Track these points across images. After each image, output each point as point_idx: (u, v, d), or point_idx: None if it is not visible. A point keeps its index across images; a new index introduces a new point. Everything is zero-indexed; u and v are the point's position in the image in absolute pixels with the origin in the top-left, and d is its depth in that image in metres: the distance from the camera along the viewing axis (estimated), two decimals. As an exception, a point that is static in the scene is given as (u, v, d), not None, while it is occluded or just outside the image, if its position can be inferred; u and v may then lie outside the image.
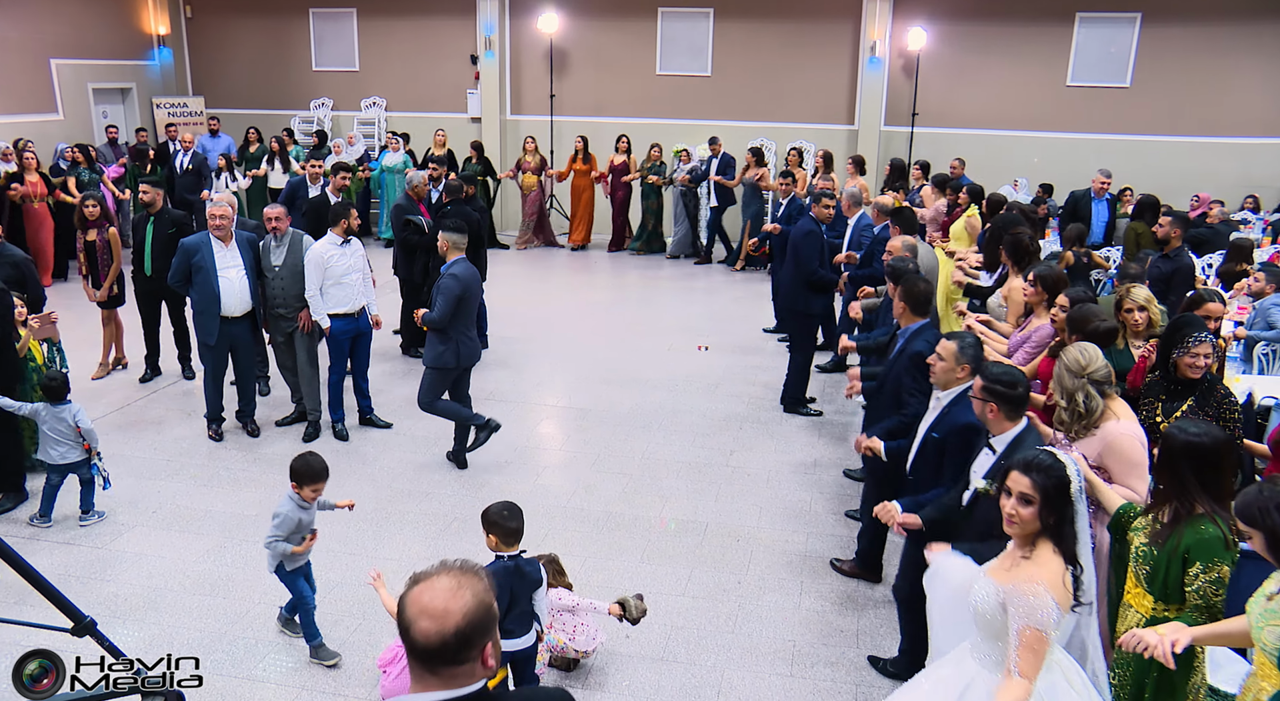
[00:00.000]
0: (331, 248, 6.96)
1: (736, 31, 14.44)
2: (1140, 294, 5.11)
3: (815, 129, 14.37)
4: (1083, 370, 4.01)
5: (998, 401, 3.78)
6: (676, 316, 10.97)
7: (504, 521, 3.91)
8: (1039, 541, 3.04)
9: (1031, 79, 13.73)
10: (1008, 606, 2.97)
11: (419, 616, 1.82)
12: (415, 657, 1.85)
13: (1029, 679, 2.87)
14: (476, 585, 1.88)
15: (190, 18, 16.29)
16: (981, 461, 3.91)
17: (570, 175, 14.25)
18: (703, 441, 7.39)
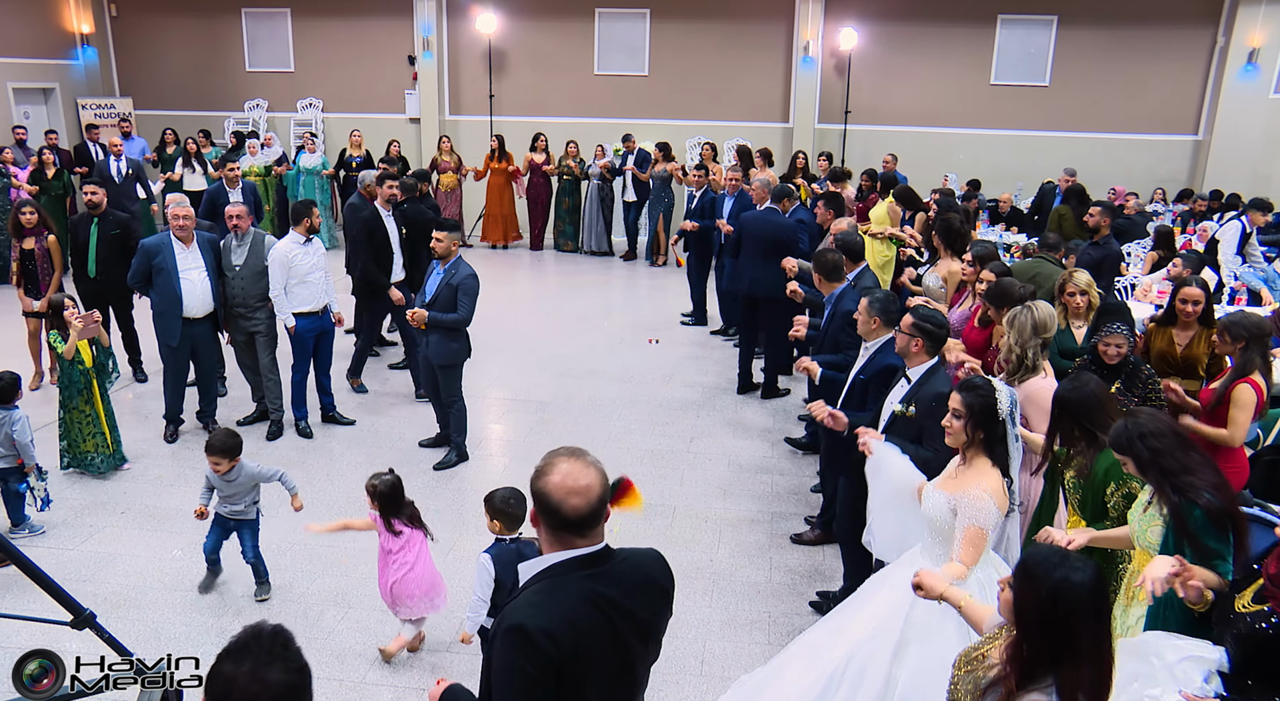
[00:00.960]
0: (295, 246, 7.00)
1: (673, 32, 14.71)
2: (1081, 278, 5.52)
3: (751, 127, 14.73)
4: (1044, 330, 4.65)
5: (924, 337, 4.38)
6: (623, 311, 11.21)
7: (510, 509, 4.09)
8: (975, 455, 3.57)
9: (957, 78, 14.29)
10: (957, 510, 3.49)
11: (567, 496, 2.23)
12: (565, 528, 2.26)
13: (967, 565, 3.43)
14: (591, 458, 2.31)
15: (115, 16, 15.92)
16: (897, 391, 4.51)
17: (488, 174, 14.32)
18: (663, 429, 7.62)
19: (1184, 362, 5.23)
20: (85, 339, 6.41)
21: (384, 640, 4.84)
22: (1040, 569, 2.46)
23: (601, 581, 2.28)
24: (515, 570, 4.02)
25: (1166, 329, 5.34)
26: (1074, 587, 2.38)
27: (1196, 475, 3.20)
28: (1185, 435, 3.37)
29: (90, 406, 6.49)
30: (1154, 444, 3.26)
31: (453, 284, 6.54)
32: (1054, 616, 2.37)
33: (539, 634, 2.16)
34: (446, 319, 6.52)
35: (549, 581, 2.27)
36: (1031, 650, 2.41)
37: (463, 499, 6.43)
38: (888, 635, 3.56)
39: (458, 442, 6.95)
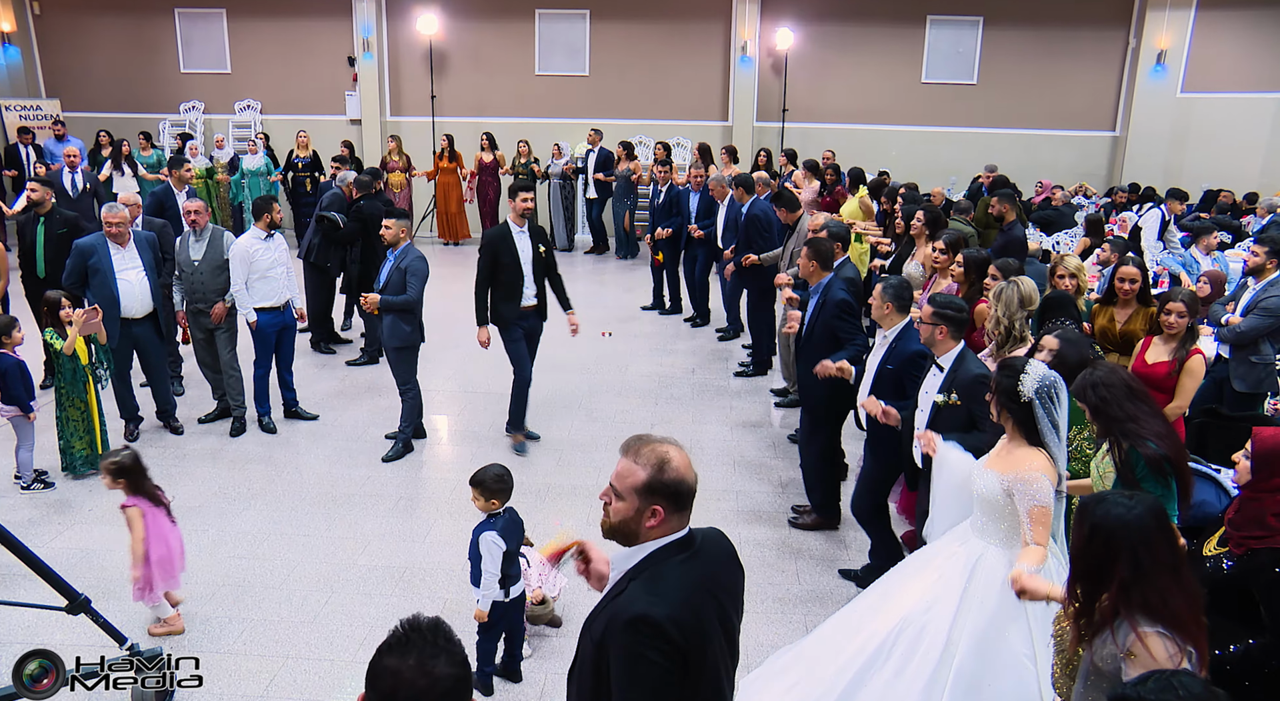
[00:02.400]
0: (256, 242, 7.04)
1: (612, 32, 14.93)
2: (1071, 263, 5.91)
3: (691, 125, 15.02)
4: (1028, 303, 4.96)
5: (947, 324, 4.46)
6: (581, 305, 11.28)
7: (506, 484, 4.32)
8: (1014, 434, 3.62)
9: (890, 76, 14.79)
10: (1013, 492, 3.50)
11: (688, 471, 2.36)
12: (684, 507, 2.36)
13: (1043, 545, 3.43)
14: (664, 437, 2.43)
15: (39, 14, 15.53)
16: (931, 380, 4.59)
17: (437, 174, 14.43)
18: (623, 417, 7.82)
19: (1122, 338, 5.60)
20: (85, 335, 6.38)
21: (371, 622, 4.94)
22: (1089, 507, 2.61)
23: (700, 562, 2.36)
24: (518, 535, 4.33)
25: (1108, 307, 5.72)
26: (1113, 518, 2.52)
27: (1141, 423, 3.44)
28: (1136, 386, 3.57)
29: (84, 404, 6.46)
30: (1103, 393, 3.50)
31: (402, 267, 6.69)
32: (1095, 549, 2.52)
33: (667, 622, 2.19)
34: (397, 301, 6.66)
35: (653, 570, 2.31)
36: (1081, 582, 2.57)
37: (433, 487, 6.55)
38: (944, 605, 3.60)
39: (404, 432, 7.04)
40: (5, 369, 6.18)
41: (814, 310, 6.06)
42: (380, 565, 5.50)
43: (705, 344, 9.93)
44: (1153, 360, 5.00)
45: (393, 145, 14.21)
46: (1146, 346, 5.12)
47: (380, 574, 5.40)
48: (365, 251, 8.43)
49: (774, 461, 7.02)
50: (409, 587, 5.27)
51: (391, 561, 5.54)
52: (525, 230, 6.77)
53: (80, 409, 6.46)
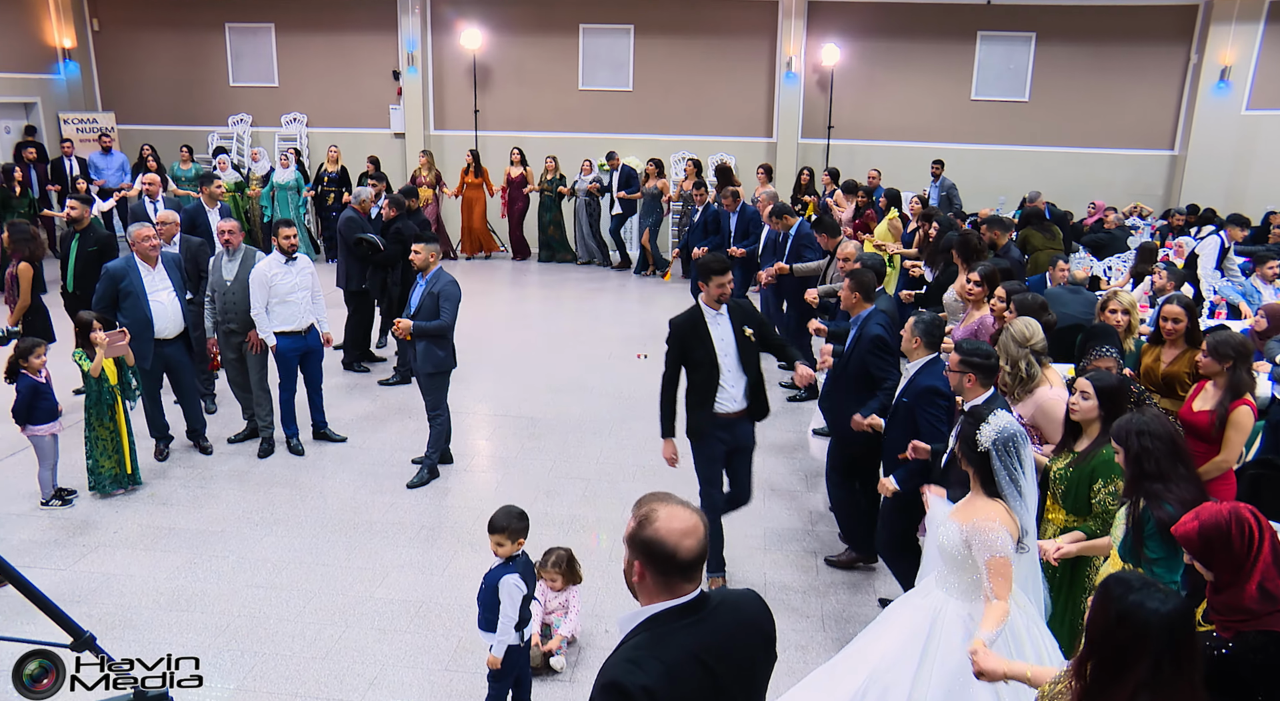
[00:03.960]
0: (276, 266, 6.97)
1: (656, 47, 14.83)
2: (1125, 298, 5.63)
3: (735, 142, 14.86)
4: (1026, 341, 4.73)
5: (974, 371, 4.33)
6: (610, 324, 11.27)
7: (522, 524, 4.21)
8: (975, 486, 3.62)
9: (938, 93, 14.48)
10: (970, 543, 3.48)
11: (682, 538, 2.19)
12: (677, 573, 2.22)
13: (1004, 599, 3.38)
14: (679, 498, 2.28)
15: (98, 30, 15.88)
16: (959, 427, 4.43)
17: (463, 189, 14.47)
18: (655, 445, 7.51)
19: (1164, 381, 5.32)
20: (112, 357, 6.40)
21: (382, 660, 4.84)
22: (1119, 589, 2.44)
23: (703, 630, 2.24)
24: (533, 577, 4.25)
25: (1156, 347, 5.44)
26: (1147, 613, 2.35)
27: (1170, 485, 3.30)
28: (1181, 445, 3.42)
29: (114, 423, 6.48)
30: (1146, 443, 3.36)
31: (434, 292, 6.60)
32: (1119, 638, 2.36)
33: (639, 692, 2.10)
34: (430, 326, 6.57)
35: (649, 634, 2.22)
36: (1095, 667, 2.41)
37: (456, 516, 6.44)
38: (907, 663, 3.58)
39: (430, 458, 6.96)
40: (20, 389, 6.19)
41: (851, 342, 5.96)
42: (397, 598, 5.40)
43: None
44: (1199, 408, 4.71)
45: (423, 160, 14.24)
46: (1198, 392, 4.83)
47: (396, 608, 5.30)
48: (406, 273, 8.38)
49: (806, 492, 6.82)
50: (424, 624, 5.16)
51: (409, 595, 5.44)
52: (724, 314, 5.31)
53: (109, 429, 6.48)
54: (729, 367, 5.24)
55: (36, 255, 7.60)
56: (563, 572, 4.95)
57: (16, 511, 6.39)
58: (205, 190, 8.75)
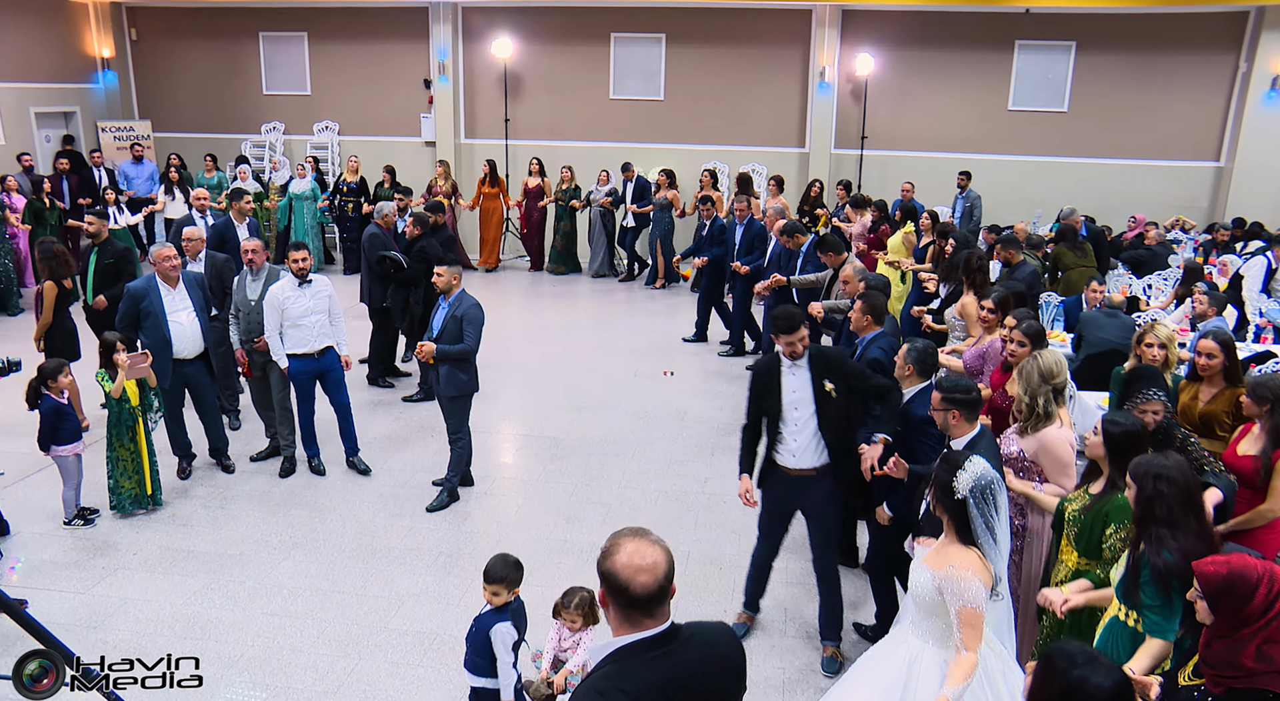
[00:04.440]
0: (289, 289, 6.88)
1: (688, 57, 14.70)
2: (1162, 332, 5.39)
3: (767, 152, 14.69)
4: (1051, 377, 4.60)
5: (958, 408, 4.30)
6: (633, 337, 11.16)
7: (515, 573, 4.13)
8: (948, 531, 3.58)
9: (974, 103, 14.21)
10: (943, 591, 3.46)
11: (635, 574, 2.22)
12: (633, 607, 2.25)
13: (973, 651, 3.37)
14: (654, 536, 2.32)
15: (135, 40, 16.06)
16: None
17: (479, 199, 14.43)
18: (677, 469, 7.55)
19: (1201, 421, 5.10)
20: (133, 379, 6.40)
21: (393, 696, 4.78)
22: (1063, 663, 2.46)
23: (670, 662, 2.28)
24: (524, 620, 4.21)
25: (1194, 384, 5.22)
26: (1091, 688, 2.39)
27: (1176, 532, 3.26)
28: (1196, 497, 3.37)
29: (134, 444, 6.49)
30: (1162, 487, 3.30)
31: (457, 315, 6.52)
32: None
33: None
34: (454, 350, 6.49)
35: (616, 666, 2.26)
36: None
37: (475, 542, 6.36)
38: None
39: (451, 481, 6.89)
40: (43, 412, 6.21)
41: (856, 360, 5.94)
42: (411, 630, 5.33)
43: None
44: (1244, 452, 4.50)
45: (440, 170, 14.20)
46: (1244, 434, 4.62)
47: (410, 640, 5.23)
48: (428, 292, 8.32)
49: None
50: (437, 657, 5.09)
51: (423, 626, 5.37)
52: (802, 365, 4.91)
53: (129, 450, 6.48)
54: (794, 420, 4.92)
55: (61, 274, 7.63)
56: (584, 614, 4.84)
57: (40, 530, 6.41)
58: (235, 206, 8.75)
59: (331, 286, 7.11)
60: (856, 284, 7.14)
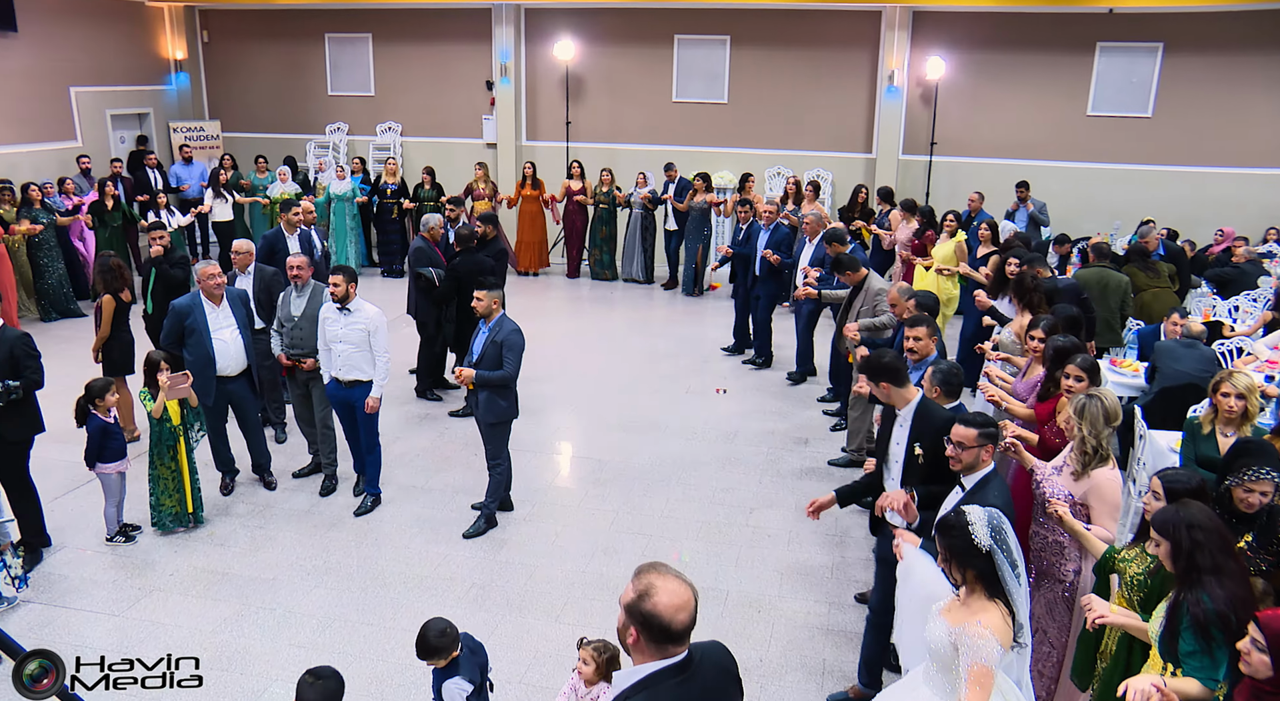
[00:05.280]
0: (330, 311, 6.75)
1: (753, 59, 14.38)
2: (1242, 381, 4.96)
3: (832, 157, 14.30)
4: (1113, 418, 4.43)
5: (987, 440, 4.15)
6: (682, 354, 10.90)
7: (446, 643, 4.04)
8: (972, 588, 3.38)
9: (1051, 108, 13.61)
10: (958, 646, 3.33)
11: (677, 612, 2.43)
12: (671, 641, 2.46)
13: None
14: (674, 570, 2.51)
15: (207, 42, 16.33)
16: (951, 498, 4.26)
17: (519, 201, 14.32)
18: (722, 497, 7.31)
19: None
20: (174, 399, 6.42)
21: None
22: None
23: (693, 686, 2.50)
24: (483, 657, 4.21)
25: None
26: None
27: (1222, 579, 3.18)
28: (1229, 537, 3.33)
29: (175, 463, 6.51)
30: (1198, 536, 3.24)
31: (497, 341, 6.37)
32: None
33: None
34: (493, 376, 6.35)
35: (646, 693, 2.45)
36: None
37: (509, 574, 6.22)
38: None
39: (489, 507, 6.76)
40: (90, 430, 6.26)
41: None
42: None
43: (821, 409, 9.26)
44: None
45: (479, 172, 14.08)
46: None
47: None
48: (461, 310, 8.21)
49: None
50: None
51: (449, 665, 5.24)
52: (908, 419, 4.66)
53: (170, 468, 6.50)
54: (892, 475, 4.75)
55: (118, 287, 7.70)
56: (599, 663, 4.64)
57: (82, 546, 6.47)
58: (284, 217, 8.75)
59: (377, 322, 6.69)
60: (905, 304, 6.82)
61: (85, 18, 14.28)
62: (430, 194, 13.90)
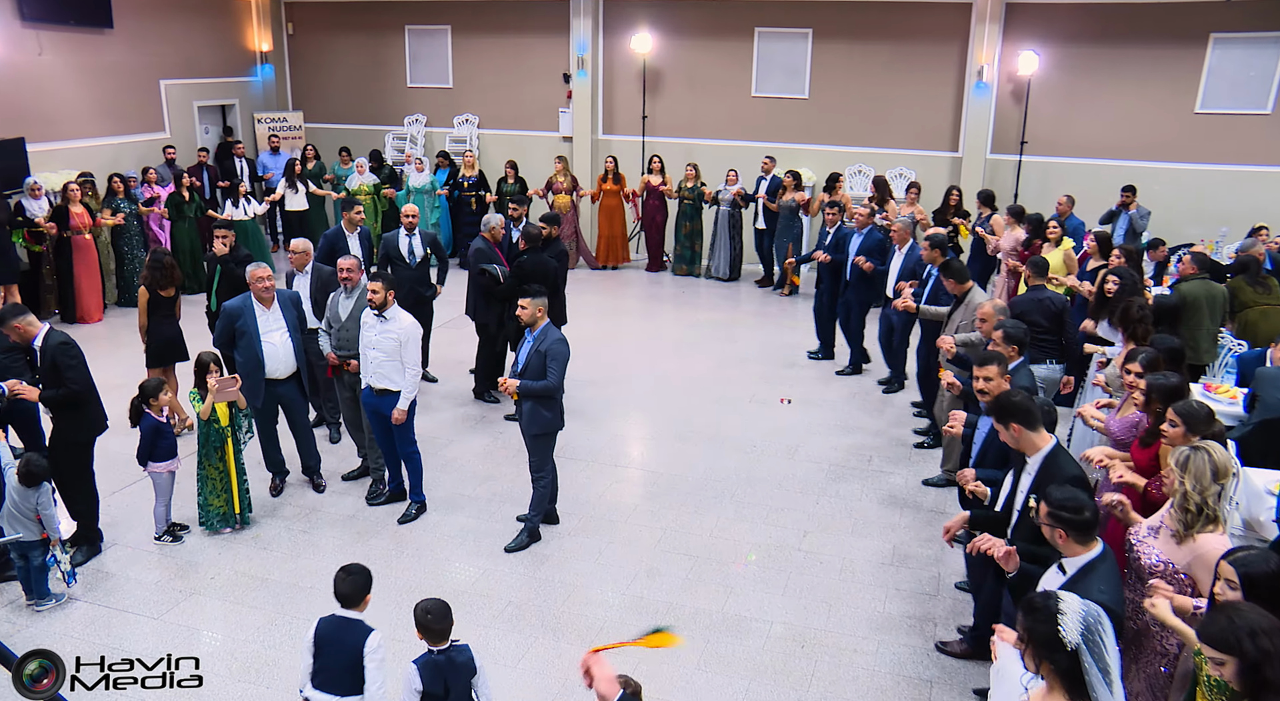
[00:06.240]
0: (369, 316, 6.63)
1: (836, 53, 13.87)
2: None
3: (916, 155, 13.71)
4: (1222, 475, 3.91)
5: (1064, 527, 3.64)
6: (760, 359, 10.56)
7: (430, 623, 4.01)
8: (1052, 687, 2.91)
9: (1154, 105, 12.75)
10: None
11: None
12: None
13: None
14: None
15: (292, 34, 16.54)
16: (1050, 578, 3.76)
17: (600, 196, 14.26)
18: (775, 518, 7.00)
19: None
20: (222, 401, 6.42)
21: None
22: None
23: None
24: (444, 680, 3.97)
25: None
26: None
27: None
28: None
29: (223, 464, 6.52)
30: (1264, 644, 2.86)
31: (541, 351, 6.18)
32: None
33: None
34: (535, 387, 6.17)
35: None
36: None
37: (547, 592, 6.03)
38: None
39: (533, 520, 6.58)
40: (143, 429, 6.29)
41: (990, 431, 5.26)
42: (462, 694, 5.05)
43: (891, 425, 8.84)
44: None
45: (559, 166, 14.02)
46: None
47: (458, 707, 4.95)
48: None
49: (936, 610, 5.96)
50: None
51: (475, 690, 5.08)
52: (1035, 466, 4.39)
53: (218, 469, 6.51)
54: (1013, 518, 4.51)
55: (161, 283, 7.78)
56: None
57: (132, 543, 6.53)
58: (346, 216, 8.71)
59: (409, 333, 6.56)
60: (994, 333, 6.38)
61: (176, 12, 14.59)
62: (513, 188, 13.83)
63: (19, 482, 5.57)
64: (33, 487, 5.57)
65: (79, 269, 11.18)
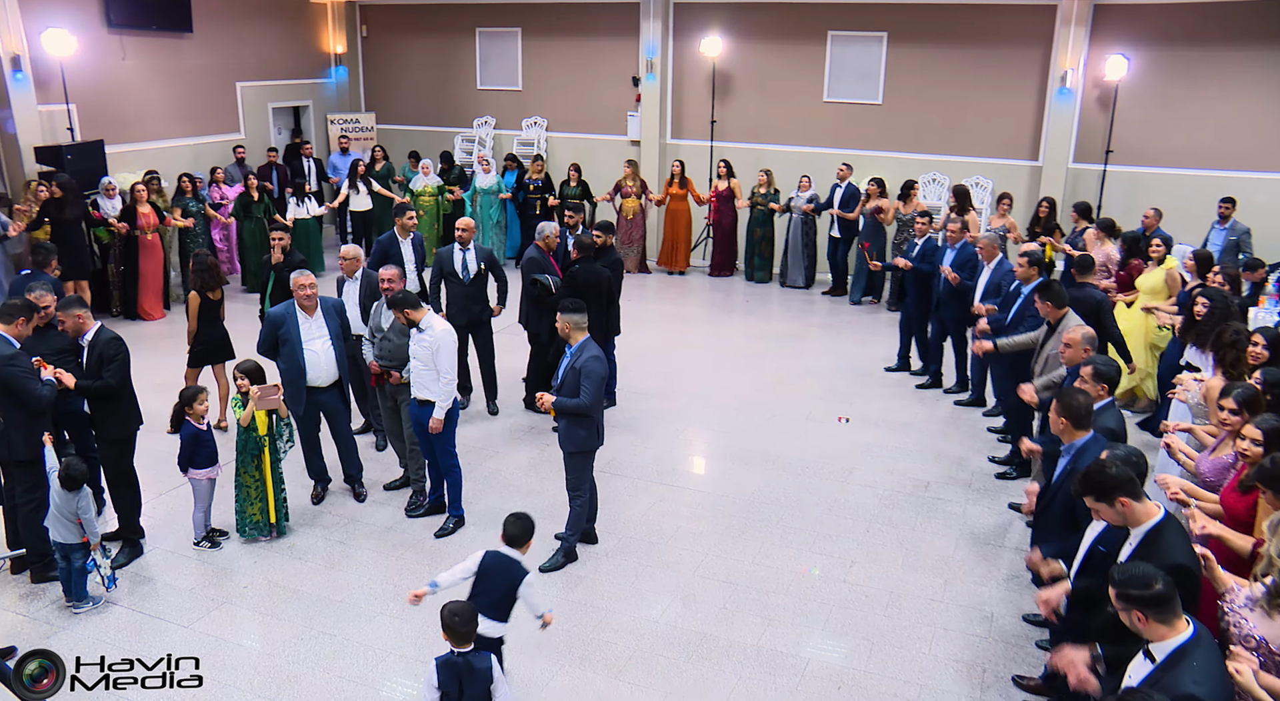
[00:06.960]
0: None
1: (911, 57, 13.40)
2: None
3: (994, 164, 13.17)
4: None
5: (1139, 608, 3.26)
6: (817, 369, 10.25)
7: (456, 625, 4.20)
8: None
9: (1256, 111, 11.96)
10: None
11: None
12: None
13: None
14: None
15: (366, 36, 16.72)
16: (1137, 668, 3.34)
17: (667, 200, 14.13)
18: (822, 545, 6.70)
19: None
20: (263, 409, 6.41)
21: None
22: None
23: None
24: (459, 681, 4.01)
25: None
26: None
27: None
28: None
29: (259, 472, 6.52)
30: None
31: (576, 368, 6.02)
32: None
33: None
34: (569, 404, 6.03)
35: None
36: None
37: (578, 616, 5.85)
38: None
39: (569, 540, 6.41)
40: (183, 436, 6.31)
41: (1061, 474, 4.90)
42: (481, 723, 4.90)
43: (954, 445, 8.44)
44: None
45: (628, 170, 13.95)
46: None
47: (476, 736, 4.80)
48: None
49: (985, 654, 5.60)
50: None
51: (495, 719, 4.92)
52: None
53: (254, 477, 6.49)
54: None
55: (209, 286, 7.85)
56: None
57: (169, 548, 6.55)
58: (398, 222, 8.66)
59: (442, 340, 6.45)
60: (1080, 352, 5.97)
61: (253, 15, 14.86)
62: (575, 191, 13.76)
63: (60, 486, 5.61)
64: (73, 491, 5.60)
65: (144, 267, 11.42)
